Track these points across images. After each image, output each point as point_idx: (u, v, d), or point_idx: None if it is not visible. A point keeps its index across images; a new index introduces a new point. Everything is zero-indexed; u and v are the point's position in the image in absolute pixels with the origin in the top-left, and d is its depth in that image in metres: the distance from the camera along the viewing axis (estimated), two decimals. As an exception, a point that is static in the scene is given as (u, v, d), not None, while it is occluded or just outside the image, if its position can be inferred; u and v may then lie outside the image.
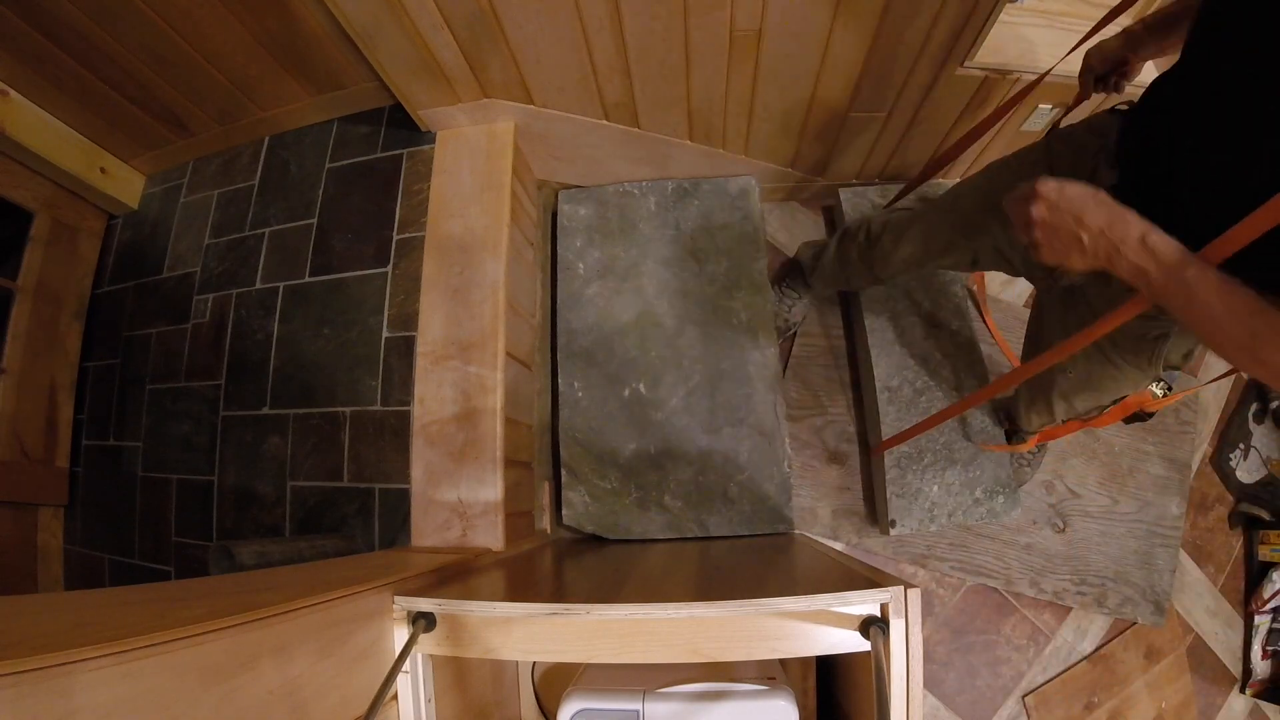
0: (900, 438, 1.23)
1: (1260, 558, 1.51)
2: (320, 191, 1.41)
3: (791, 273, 1.45)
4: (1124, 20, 0.91)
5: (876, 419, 1.35)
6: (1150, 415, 1.03)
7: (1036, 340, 0.99)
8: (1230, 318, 0.52)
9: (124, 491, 1.44)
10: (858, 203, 1.49)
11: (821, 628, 0.57)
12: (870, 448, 1.41)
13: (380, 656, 0.62)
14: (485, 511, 1.07)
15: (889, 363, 1.37)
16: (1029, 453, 1.39)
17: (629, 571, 0.87)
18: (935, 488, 1.31)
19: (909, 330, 1.40)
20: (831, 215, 1.59)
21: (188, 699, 0.42)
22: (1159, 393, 0.94)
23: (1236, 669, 1.49)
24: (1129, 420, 1.02)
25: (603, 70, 1.13)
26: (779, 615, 0.57)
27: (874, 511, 1.38)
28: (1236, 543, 1.55)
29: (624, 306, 1.41)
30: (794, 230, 1.59)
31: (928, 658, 1.37)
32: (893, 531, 1.29)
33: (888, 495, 1.30)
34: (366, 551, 1.19)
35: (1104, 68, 0.87)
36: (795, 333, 1.49)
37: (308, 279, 1.36)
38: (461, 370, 1.13)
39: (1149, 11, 0.91)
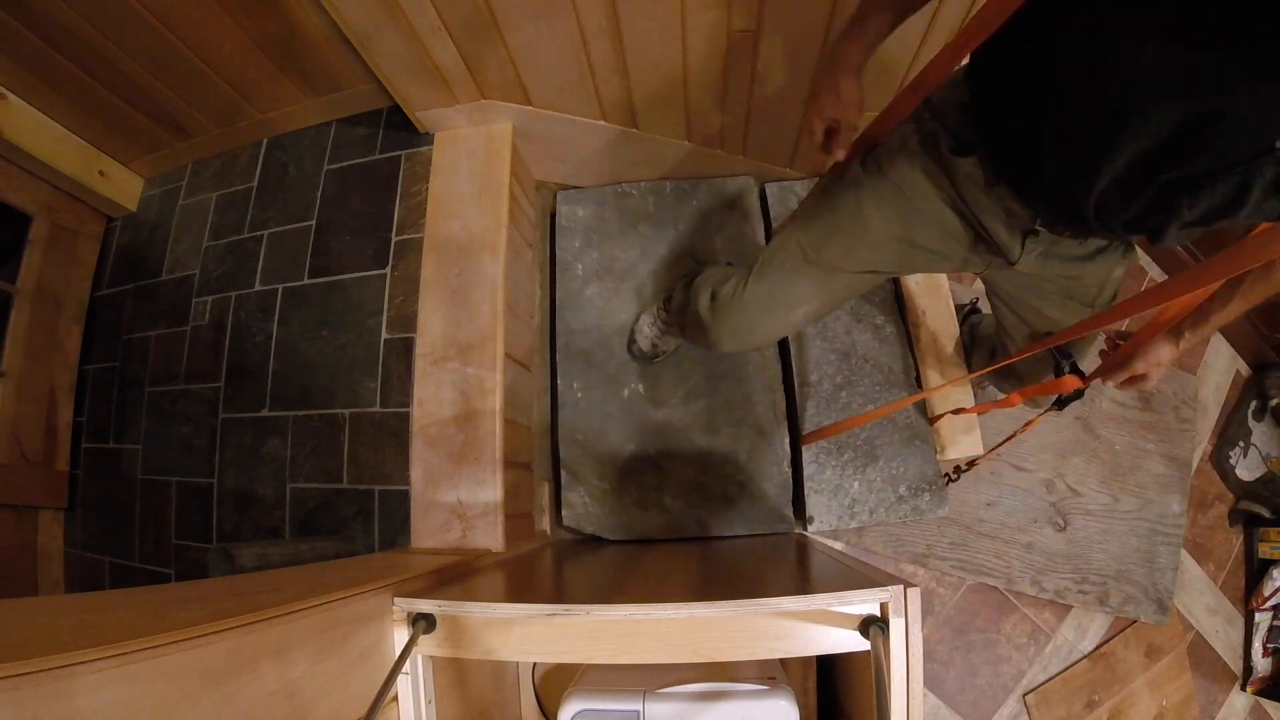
0: (821, 434, 1.22)
1: (1260, 555, 1.51)
2: (319, 193, 1.41)
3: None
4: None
5: (798, 414, 1.34)
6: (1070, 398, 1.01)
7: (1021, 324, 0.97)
8: (1248, 297, 0.73)
9: (124, 494, 1.44)
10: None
11: (821, 627, 0.57)
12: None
13: (380, 658, 0.62)
14: (485, 513, 1.07)
15: (809, 357, 1.36)
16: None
17: (629, 572, 0.87)
18: (856, 484, 1.29)
19: (831, 324, 1.39)
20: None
21: (188, 701, 0.42)
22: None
23: (1237, 666, 1.49)
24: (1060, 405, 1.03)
25: (600, 71, 1.13)
26: (779, 615, 0.57)
27: (802, 509, 1.35)
28: (1236, 540, 1.55)
29: (623, 307, 1.41)
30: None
31: (928, 657, 1.37)
32: (810, 528, 1.27)
33: (805, 491, 1.28)
34: (366, 553, 1.19)
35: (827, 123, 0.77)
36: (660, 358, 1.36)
37: (306, 281, 1.36)
38: (460, 371, 1.13)
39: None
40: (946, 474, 1.29)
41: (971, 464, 1.25)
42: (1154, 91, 0.51)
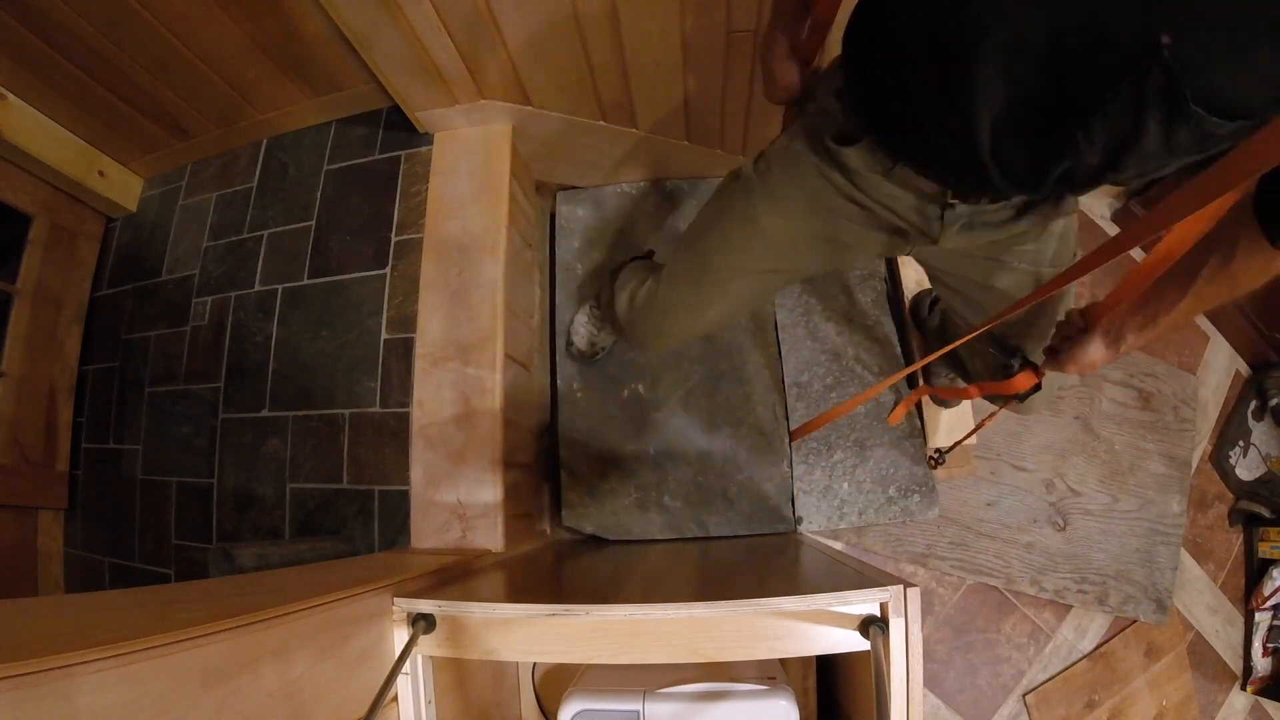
0: (808, 427, 1.22)
1: (1260, 555, 1.51)
2: (318, 193, 1.41)
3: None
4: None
5: (788, 415, 1.34)
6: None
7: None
8: (1202, 299, 0.62)
9: (124, 494, 1.44)
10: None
11: (821, 627, 0.57)
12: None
13: (380, 658, 0.62)
14: (485, 513, 1.07)
15: (799, 358, 1.37)
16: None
17: (629, 572, 0.87)
18: (845, 484, 1.30)
19: (821, 326, 1.39)
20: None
21: (188, 701, 0.42)
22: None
23: (1237, 666, 1.49)
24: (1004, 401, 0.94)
25: (600, 71, 1.13)
26: (778, 615, 0.57)
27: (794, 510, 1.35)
28: (1236, 540, 1.55)
29: (623, 307, 1.41)
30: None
31: (928, 656, 1.37)
32: (800, 528, 1.28)
33: (794, 491, 1.29)
34: (366, 553, 1.19)
35: (798, 90, 0.75)
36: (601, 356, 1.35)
37: (306, 281, 1.37)
38: (460, 372, 1.13)
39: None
40: (930, 456, 1.30)
41: (950, 449, 1.25)
42: (1007, 6, 0.44)
